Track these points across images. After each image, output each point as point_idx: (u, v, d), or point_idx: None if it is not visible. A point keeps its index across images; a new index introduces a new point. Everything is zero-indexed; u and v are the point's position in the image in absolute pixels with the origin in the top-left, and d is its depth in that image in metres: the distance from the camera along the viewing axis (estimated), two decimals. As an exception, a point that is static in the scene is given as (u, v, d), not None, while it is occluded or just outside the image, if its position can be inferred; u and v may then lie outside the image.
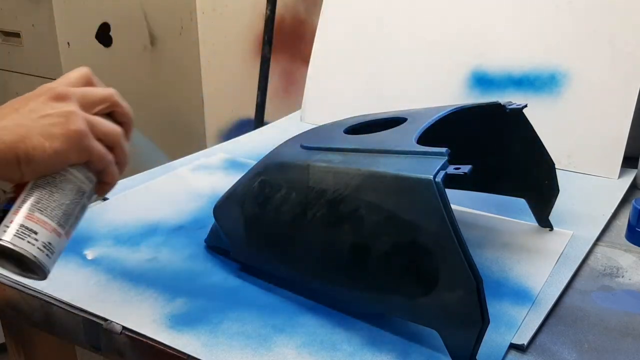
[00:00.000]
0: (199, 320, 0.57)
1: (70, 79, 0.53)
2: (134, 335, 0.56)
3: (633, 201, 0.73)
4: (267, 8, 1.48)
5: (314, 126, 0.76)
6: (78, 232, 0.64)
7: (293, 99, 1.61)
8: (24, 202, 0.48)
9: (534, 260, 0.67)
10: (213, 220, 0.68)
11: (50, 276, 0.64)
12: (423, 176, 0.48)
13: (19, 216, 0.48)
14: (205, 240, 0.70)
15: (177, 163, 0.97)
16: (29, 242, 0.47)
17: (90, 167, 0.52)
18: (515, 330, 0.55)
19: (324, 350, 0.53)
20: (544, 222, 0.73)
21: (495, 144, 0.70)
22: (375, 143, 0.57)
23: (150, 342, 0.54)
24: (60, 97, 0.49)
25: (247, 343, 0.54)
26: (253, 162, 0.70)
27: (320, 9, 1.19)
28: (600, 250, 0.71)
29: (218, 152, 1.01)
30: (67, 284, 0.63)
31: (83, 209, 0.53)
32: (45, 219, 0.48)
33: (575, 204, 0.80)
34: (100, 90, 0.54)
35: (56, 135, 0.48)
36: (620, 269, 0.67)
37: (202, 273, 0.65)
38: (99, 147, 0.51)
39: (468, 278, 0.46)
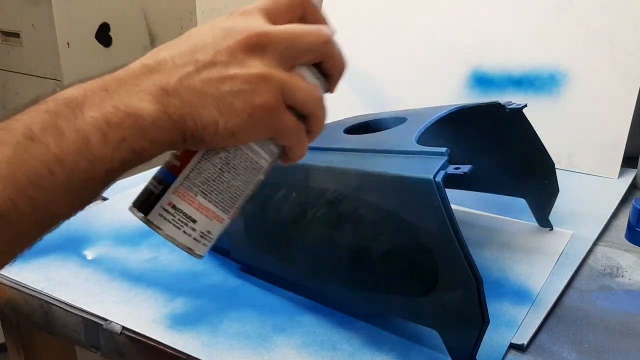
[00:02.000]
0: (199, 320, 0.57)
1: (277, 3, 0.39)
2: (134, 335, 0.56)
3: (633, 201, 0.73)
4: (267, 8, 1.48)
5: (314, 126, 0.76)
6: (78, 232, 0.64)
7: (293, 99, 1.61)
8: (186, 179, 0.39)
9: (534, 260, 0.67)
10: (213, 220, 0.68)
11: (50, 276, 0.64)
12: (423, 176, 0.48)
13: (179, 199, 0.39)
14: (205, 240, 0.70)
15: (177, 163, 0.96)
16: (185, 232, 0.39)
17: (276, 141, 0.41)
18: (515, 330, 0.55)
19: (324, 350, 0.53)
20: (544, 222, 0.73)
21: (495, 144, 0.70)
22: (375, 143, 0.57)
23: (150, 342, 0.54)
24: (255, 48, 0.36)
25: (247, 343, 0.54)
26: (253, 162, 0.70)
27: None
28: (600, 250, 0.71)
29: (218, 152, 1.01)
30: (67, 284, 0.63)
31: (256, 185, 0.44)
32: (209, 205, 0.40)
33: (575, 204, 0.80)
34: (312, 34, 0.39)
35: (236, 110, 0.36)
36: (620, 268, 0.67)
37: (202, 273, 0.65)
38: (289, 121, 0.39)
39: (468, 278, 0.46)
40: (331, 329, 0.55)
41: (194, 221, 0.40)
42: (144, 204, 0.40)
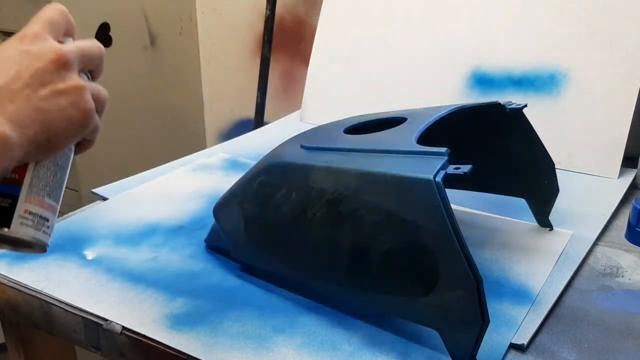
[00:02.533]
0: (199, 320, 0.57)
1: (53, 23, 0.46)
2: (134, 335, 0.56)
3: (633, 201, 0.73)
4: (267, 8, 1.48)
5: (314, 126, 0.76)
6: (78, 232, 0.64)
7: (293, 99, 1.61)
8: (32, 187, 0.44)
9: (534, 260, 0.67)
10: (213, 220, 0.68)
11: (50, 276, 0.64)
12: (423, 176, 0.48)
13: (33, 205, 0.44)
14: (205, 240, 0.70)
15: (177, 163, 0.96)
16: (43, 231, 0.45)
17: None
18: (515, 330, 0.55)
19: (324, 350, 0.53)
20: (544, 222, 0.73)
21: (495, 144, 0.70)
22: (375, 143, 0.57)
23: (150, 342, 0.54)
24: (66, 65, 0.43)
25: (247, 343, 0.54)
26: (253, 162, 0.70)
27: (320, 9, 1.19)
28: (600, 250, 0.71)
29: (218, 152, 1.01)
30: (67, 284, 0.63)
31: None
32: (53, 203, 0.46)
33: (575, 204, 0.80)
34: (93, 47, 0.48)
35: (74, 118, 0.43)
36: (620, 268, 0.67)
37: (202, 273, 0.65)
38: (98, 121, 0.47)
39: (468, 278, 0.46)
40: (331, 329, 0.55)
41: (47, 219, 0.45)
42: (1, 219, 0.43)
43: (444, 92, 1.02)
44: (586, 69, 0.93)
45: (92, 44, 0.48)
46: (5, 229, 0.43)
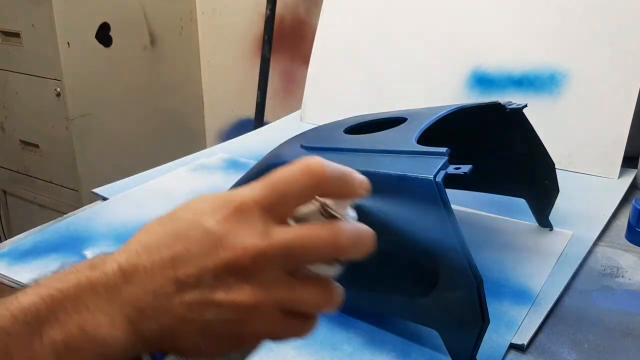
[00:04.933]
0: (199, 320, 0.57)
1: (289, 192, 0.32)
2: (134, 335, 0.55)
3: (633, 201, 0.73)
4: (267, 8, 1.48)
5: (314, 126, 0.76)
6: (78, 232, 0.64)
7: (293, 99, 1.61)
8: None
9: (534, 260, 0.67)
10: (213, 220, 0.68)
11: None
12: (423, 176, 0.48)
13: None
14: (205, 240, 0.70)
15: (177, 163, 0.96)
16: None
17: None
18: (515, 330, 0.55)
19: (324, 350, 0.53)
20: (544, 222, 0.73)
21: (495, 144, 0.70)
22: (375, 143, 0.57)
23: (150, 342, 0.54)
24: (246, 271, 0.30)
25: (247, 343, 0.54)
26: (253, 162, 0.70)
27: (320, 9, 1.19)
28: (600, 250, 0.71)
29: (218, 152, 1.01)
30: (67, 284, 0.63)
31: None
32: None
33: (575, 204, 0.80)
34: (322, 241, 0.31)
35: (222, 338, 0.31)
36: (620, 269, 0.67)
37: (202, 273, 0.65)
38: (289, 327, 0.34)
39: (468, 278, 0.46)
40: (331, 329, 0.55)
41: None
42: None
43: (444, 92, 1.02)
44: (586, 69, 0.93)
45: (320, 232, 0.31)
46: None
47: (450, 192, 0.48)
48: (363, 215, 0.53)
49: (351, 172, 0.34)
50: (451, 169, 0.48)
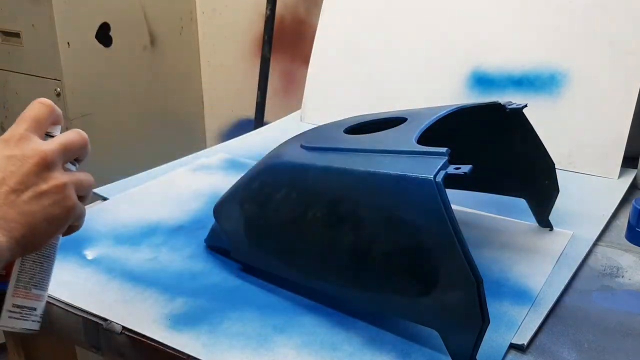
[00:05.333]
0: (199, 320, 0.57)
1: (38, 121, 0.49)
2: (134, 335, 0.56)
3: (633, 201, 0.73)
4: (267, 8, 1.48)
5: (314, 126, 0.76)
6: (78, 232, 0.64)
7: (293, 99, 1.61)
8: (18, 281, 0.49)
9: (534, 260, 0.67)
10: (213, 220, 0.68)
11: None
12: (423, 176, 0.48)
13: (20, 298, 0.49)
14: (205, 240, 0.70)
15: (177, 163, 0.96)
16: (32, 320, 0.50)
17: None
18: (515, 330, 0.55)
19: (324, 350, 0.53)
20: (544, 222, 0.73)
21: (495, 144, 0.70)
22: (375, 143, 0.57)
23: (150, 342, 0.54)
24: (48, 165, 0.46)
25: (247, 343, 0.54)
26: (253, 162, 0.70)
27: (320, 9, 1.19)
28: (600, 250, 0.71)
29: (218, 152, 1.01)
30: (67, 284, 0.63)
31: None
32: (40, 292, 0.50)
33: (575, 204, 0.80)
34: (75, 138, 0.50)
35: (57, 216, 0.46)
36: (620, 269, 0.67)
37: (202, 273, 0.65)
38: (82, 208, 0.50)
39: (468, 278, 0.46)
40: (331, 329, 0.55)
41: (34, 309, 0.50)
42: None
43: (444, 92, 1.02)
44: (586, 69, 0.93)
45: (74, 136, 0.50)
46: None
47: (450, 192, 0.48)
48: (363, 214, 0.53)
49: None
50: (451, 169, 0.48)
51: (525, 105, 0.66)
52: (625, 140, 0.89)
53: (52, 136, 0.50)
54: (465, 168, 0.48)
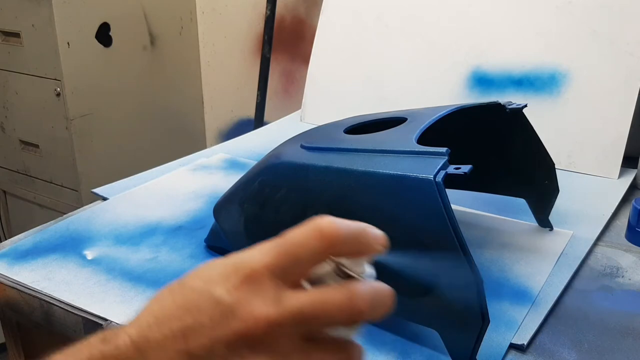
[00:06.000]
0: (199, 320, 0.57)
1: (300, 257, 0.31)
2: (134, 335, 0.55)
3: (633, 201, 0.73)
4: (267, 8, 1.48)
5: (314, 126, 0.76)
6: (78, 232, 0.64)
7: (293, 99, 1.61)
8: None
9: (534, 260, 0.67)
10: (213, 220, 0.68)
11: (50, 276, 0.64)
12: (423, 176, 0.48)
13: None
14: (205, 240, 0.70)
15: (177, 163, 0.96)
16: None
17: None
18: (515, 330, 0.55)
19: (324, 350, 0.53)
20: (544, 222, 0.73)
21: (495, 144, 0.70)
22: (375, 143, 0.57)
23: (150, 342, 0.54)
24: (260, 342, 0.29)
25: (247, 343, 0.54)
26: (253, 162, 0.70)
27: (320, 9, 1.19)
28: (600, 250, 0.71)
29: (218, 152, 1.01)
30: (67, 284, 0.63)
31: None
32: None
33: (575, 204, 0.80)
34: (336, 308, 0.30)
35: None
36: (620, 269, 0.67)
37: (202, 273, 0.65)
38: None
39: (468, 278, 0.46)
40: (331, 329, 0.55)
41: None
42: None
43: (444, 92, 1.02)
44: (586, 69, 0.93)
45: (333, 296, 0.30)
46: None
47: (450, 192, 0.48)
48: (363, 214, 0.53)
49: (366, 228, 0.32)
50: (451, 169, 0.48)
51: (525, 105, 0.66)
52: (625, 140, 0.89)
53: (349, 275, 0.32)
54: (465, 168, 0.48)
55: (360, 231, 0.32)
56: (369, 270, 0.32)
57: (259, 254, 0.31)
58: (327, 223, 0.31)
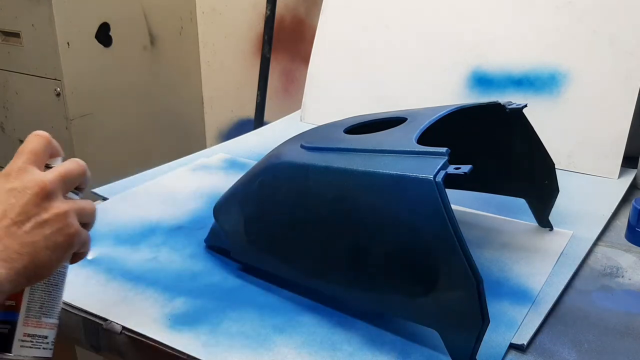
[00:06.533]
0: (199, 320, 0.57)
1: (36, 153, 0.49)
2: (134, 335, 0.56)
3: (633, 201, 0.73)
4: (267, 8, 1.48)
5: (314, 126, 0.76)
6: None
7: (293, 99, 1.61)
8: (28, 310, 0.49)
9: (534, 260, 0.67)
10: (213, 220, 0.68)
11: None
12: (423, 176, 0.48)
13: (31, 327, 0.49)
14: (205, 240, 0.70)
15: (177, 163, 0.96)
16: (43, 348, 0.50)
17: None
18: (515, 330, 0.55)
19: (323, 350, 0.53)
20: (544, 222, 0.73)
21: (496, 144, 0.70)
22: (375, 143, 0.57)
23: (150, 342, 0.54)
24: (48, 195, 0.46)
25: (247, 343, 0.54)
26: (253, 162, 0.70)
27: (320, 9, 1.19)
28: (600, 250, 0.71)
29: (218, 152, 1.01)
30: (67, 284, 0.62)
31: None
32: (51, 320, 0.50)
33: (575, 204, 0.80)
34: (74, 167, 0.50)
35: (60, 244, 0.46)
36: (620, 269, 0.67)
37: (202, 273, 0.65)
38: (86, 235, 0.50)
39: (468, 278, 0.46)
40: (331, 329, 0.55)
41: (46, 337, 0.50)
42: (2, 345, 0.47)
43: (444, 92, 1.02)
44: (586, 69, 0.93)
45: (73, 165, 0.50)
46: (8, 354, 0.47)
47: (450, 192, 0.48)
48: (363, 214, 0.53)
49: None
50: (451, 169, 0.48)
51: (525, 105, 0.66)
52: (625, 140, 0.89)
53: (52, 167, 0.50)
54: (465, 168, 0.48)
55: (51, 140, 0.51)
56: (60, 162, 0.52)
57: (16, 159, 0.48)
58: (45, 134, 0.51)
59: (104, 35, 1.49)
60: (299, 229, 0.58)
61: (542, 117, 0.88)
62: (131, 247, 0.70)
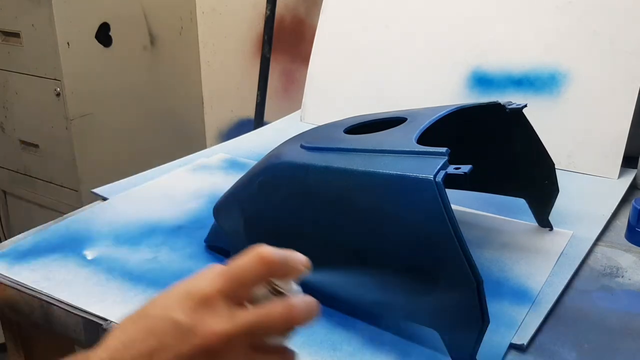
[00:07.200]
0: (199, 320, 0.57)
1: (240, 279, 0.36)
2: (134, 335, 0.55)
3: (633, 201, 0.73)
4: (267, 8, 1.48)
5: (314, 126, 0.76)
6: (78, 232, 0.64)
7: (293, 99, 1.61)
8: None
9: (534, 260, 0.67)
10: (213, 220, 0.68)
11: (50, 276, 0.64)
12: (423, 176, 0.48)
13: None
14: (205, 240, 0.70)
15: (177, 163, 0.96)
16: None
17: None
18: (515, 330, 0.55)
19: (323, 350, 0.53)
20: (544, 222, 0.73)
21: (495, 144, 0.70)
22: (375, 143, 0.57)
23: (150, 342, 0.54)
24: (215, 352, 0.34)
25: (247, 343, 0.54)
26: (253, 162, 0.70)
27: (320, 9, 1.19)
28: (600, 250, 0.71)
29: (218, 152, 1.01)
30: (67, 284, 0.63)
31: None
32: None
33: (575, 204, 0.80)
34: (278, 317, 0.36)
35: None
36: (620, 269, 0.67)
37: (202, 273, 0.65)
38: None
39: (468, 278, 0.46)
40: (331, 329, 0.55)
41: None
42: None
43: (444, 92, 1.02)
44: (586, 69, 0.93)
45: (281, 311, 0.36)
46: None
47: (450, 192, 0.48)
48: (363, 214, 0.53)
49: (293, 253, 0.38)
50: (451, 169, 0.48)
51: (525, 105, 0.66)
52: (625, 140, 0.89)
53: (281, 292, 0.38)
54: (465, 168, 0.48)
55: (289, 256, 0.37)
56: (295, 287, 0.39)
57: (209, 280, 0.36)
58: (265, 250, 0.36)
59: (104, 35, 1.49)
60: (299, 229, 0.57)
61: (542, 117, 0.88)
62: (131, 247, 0.70)
